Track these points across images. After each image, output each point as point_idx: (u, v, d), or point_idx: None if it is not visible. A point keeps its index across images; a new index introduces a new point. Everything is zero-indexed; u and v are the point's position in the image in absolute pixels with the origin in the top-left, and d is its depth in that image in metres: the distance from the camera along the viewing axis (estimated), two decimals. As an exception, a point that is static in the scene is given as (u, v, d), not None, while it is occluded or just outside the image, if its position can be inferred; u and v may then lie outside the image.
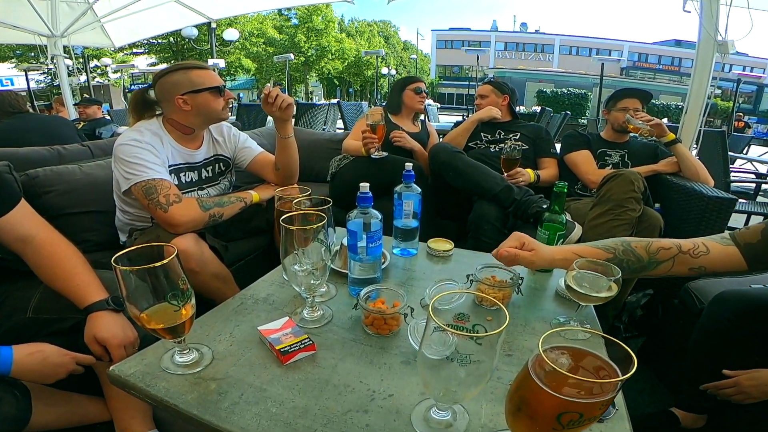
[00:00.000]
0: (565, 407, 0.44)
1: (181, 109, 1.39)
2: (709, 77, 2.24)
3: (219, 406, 0.64)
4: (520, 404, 0.49)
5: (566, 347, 0.48)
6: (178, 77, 1.39)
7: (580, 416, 0.44)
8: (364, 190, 0.90)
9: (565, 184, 1.09)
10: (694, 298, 1.52)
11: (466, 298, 1.00)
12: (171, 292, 0.65)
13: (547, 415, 0.45)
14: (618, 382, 0.43)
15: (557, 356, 0.47)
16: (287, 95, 1.51)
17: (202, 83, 1.39)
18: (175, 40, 18.15)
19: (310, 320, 0.86)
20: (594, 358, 0.48)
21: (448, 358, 0.51)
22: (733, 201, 1.75)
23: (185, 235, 1.29)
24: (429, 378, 0.55)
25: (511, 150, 1.87)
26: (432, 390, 0.57)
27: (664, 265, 0.93)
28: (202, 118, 1.45)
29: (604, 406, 0.45)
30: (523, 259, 0.91)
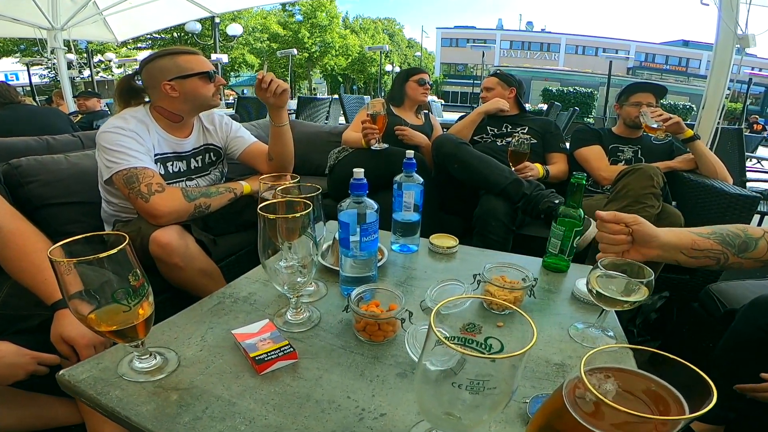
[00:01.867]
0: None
1: (168, 95, 1.32)
2: (729, 72, 2.14)
3: (177, 421, 0.54)
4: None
5: (611, 368, 0.37)
6: (165, 63, 1.32)
7: None
8: (358, 177, 0.79)
9: (584, 176, 0.98)
10: (716, 301, 1.43)
11: (472, 302, 0.89)
12: (120, 289, 0.55)
13: None
14: (686, 420, 0.32)
15: (600, 381, 0.36)
16: (282, 81, 1.42)
17: (190, 68, 1.32)
18: (178, 35, 18.09)
19: (295, 323, 0.76)
20: (647, 381, 0.36)
21: (453, 383, 0.40)
22: (757, 199, 1.65)
23: (168, 227, 1.21)
24: (427, 402, 0.44)
25: (519, 143, 1.76)
26: (430, 416, 0.46)
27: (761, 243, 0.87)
28: (190, 104, 1.37)
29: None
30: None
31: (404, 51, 37.87)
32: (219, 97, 1.43)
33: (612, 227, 0.83)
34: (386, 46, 10.15)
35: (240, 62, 22.54)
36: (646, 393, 0.36)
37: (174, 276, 1.24)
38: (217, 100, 1.42)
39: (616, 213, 0.84)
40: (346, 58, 28.13)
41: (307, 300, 0.86)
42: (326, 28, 26.00)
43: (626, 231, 0.83)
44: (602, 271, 0.71)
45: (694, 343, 1.50)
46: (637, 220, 0.83)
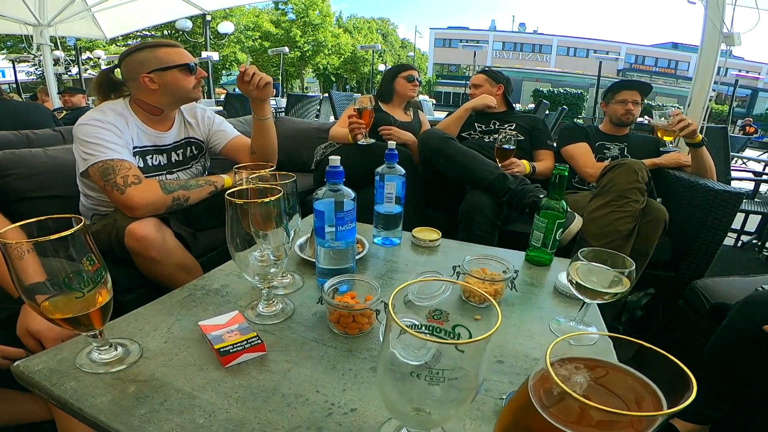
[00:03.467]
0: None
1: (147, 88, 1.30)
2: (714, 70, 2.15)
3: (133, 414, 0.51)
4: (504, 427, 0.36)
5: (582, 359, 0.35)
6: (144, 55, 1.29)
7: None
8: (334, 164, 0.77)
9: (567, 167, 0.97)
10: (701, 297, 1.43)
11: (452, 292, 0.86)
12: (72, 273, 0.51)
13: None
14: (664, 416, 0.29)
15: (570, 373, 0.33)
16: (264, 74, 1.40)
17: (170, 60, 1.30)
18: (169, 33, 17.84)
19: (266, 315, 0.73)
20: (624, 375, 0.34)
21: (413, 373, 0.38)
22: (741, 195, 1.65)
23: (145, 219, 1.18)
24: (392, 396, 0.42)
25: (506, 139, 1.75)
26: (397, 412, 0.44)
27: None
28: (171, 97, 1.35)
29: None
30: None
31: (398, 51, 37.82)
32: (200, 90, 1.40)
33: None
34: (378, 45, 10.11)
35: (231, 60, 22.31)
36: (622, 386, 0.34)
37: (151, 270, 1.21)
38: (198, 93, 1.39)
39: None
40: (339, 57, 28.03)
41: (282, 292, 0.83)
42: (319, 27, 25.86)
43: None
44: (583, 261, 0.70)
45: (680, 340, 1.49)
46: None
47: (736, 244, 3.40)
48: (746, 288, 1.38)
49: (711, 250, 1.73)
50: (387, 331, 0.39)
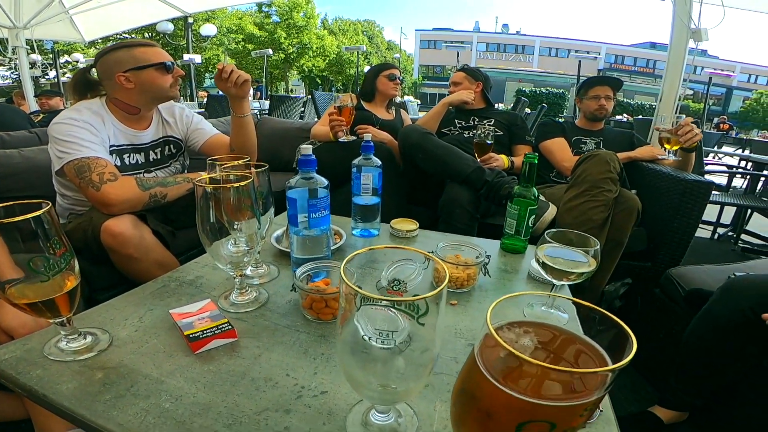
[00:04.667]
0: (529, 413, 0.30)
1: (123, 87, 1.30)
2: (683, 65, 2.21)
3: (98, 399, 0.51)
4: (465, 407, 0.36)
5: (531, 323, 0.36)
6: (120, 54, 1.29)
7: (551, 427, 0.30)
8: (305, 153, 0.77)
9: (536, 155, 0.99)
10: (676, 285, 1.46)
11: (424, 278, 0.87)
12: (37, 257, 0.51)
13: (502, 424, 0.32)
14: (609, 372, 0.30)
15: (517, 336, 0.34)
16: (243, 71, 1.40)
17: (146, 59, 1.30)
18: (150, 36, 17.58)
19: (240, 304, 0.73)
20: (571, 339, 0.35)
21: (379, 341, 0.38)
22: (711, 185, 1.70)
23: (121, 216, 1.17)
24: (352, 371, 0.42)
25: (484, 135, 1.78)
26: (360, 388, 0.44)
27: None
28: (147, 96, 1.34)
29: (587, 411, 0.31)
30: None
31: (384, 53, 37.87)
32: (178, 89, 1.39)
33: None
34: (363, 47, 10.12)
35: (214, 63, 22.09)
36: (568, 349, 0.35)
37: (129, 267, 1.20)
38: (175, 92, 1.38)
39: None
40: (324, 60, 27.96)
41: (257, 282, 0.83)
42: (303, 29, 25.76)
43: None
44: (550, 243, 0.71)
45: (658, 329, 1.52)
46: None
47: (713, 237, 3.49)
48: (719, 276, 1.42)
49: (685, 240, 1.78)
50: (346, 304, 0.40)
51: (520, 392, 0.29)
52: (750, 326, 1.04)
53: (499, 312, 0.35)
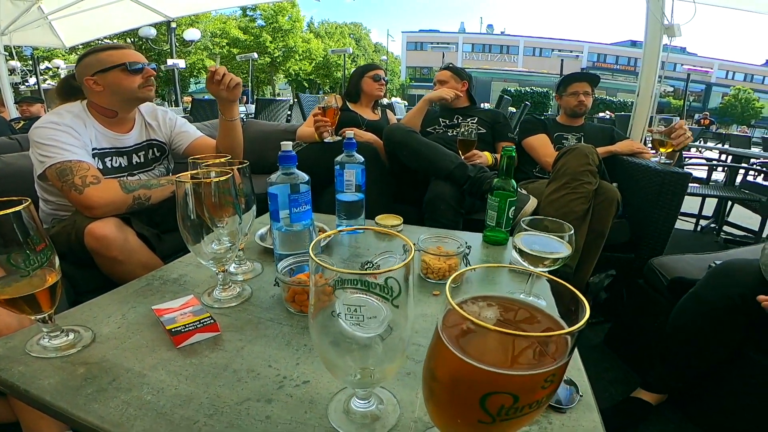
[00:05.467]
0: (491, 384, 0.30)
1: (94, 90, 1.31)
2: (658, 60, 2.28)
3: (80, 393, 0.51)
4: (432, 383, 0.36)
5: (495, 297, 0.37)
6: (89, 59, 1.31)
7: (514, 400, 0.31)
8: (285, 149, 0.78)
9: (513, 148, 1.01)
10: (658, 274, 1.49)
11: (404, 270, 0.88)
12: (15, 251, 0.51)
13: (466, 397, 0.32)
14: (562, 336, 0.30)
15: (480, 309, 0.35)
16: (234, 75, 1.41)
17: (111, 62, 1.30)
18: (132, 41, 17.39)
19: (223, 299, 0.74)
20: (533, 310, 0.36)
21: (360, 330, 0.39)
22: (688, 176, 1.75)
23: (105, 220, 1.17)
24: (338, 360, 0.44)
25: (468, 132, 1.81)
26: (337, 371, 0.45)
27: None
28: (117, 98, 1.34)
29: (549, 383, 0.31)
30: None
31: (371, 55, 37.91)
32: (152, 89, 1.38)
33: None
34: (350, 49, 10.12)
35: (199, 68, 21.89)
36: (528, 320, 0.36)
37: (114, 270, 1.19)
38: (147, 93, 1.37)
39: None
40: (311, 63, 27.90)
41: (241, 278, 0.83)
42: (289, 33, 25.70)
43: None
44: (527, 230, 0.73)
45: (644, 319, 1.54)
46: None
47: (696, 229, 3.57)
48: (700, 264, 1.46)
49: (666, 230, 1.83)
50: (321, 289, 0.41)
51: (481, 362, 0.30)
52: (736, 312, 1.05)
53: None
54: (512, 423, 0.33)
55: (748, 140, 5.91)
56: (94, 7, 5.25)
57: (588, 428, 0.50)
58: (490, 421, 0.32)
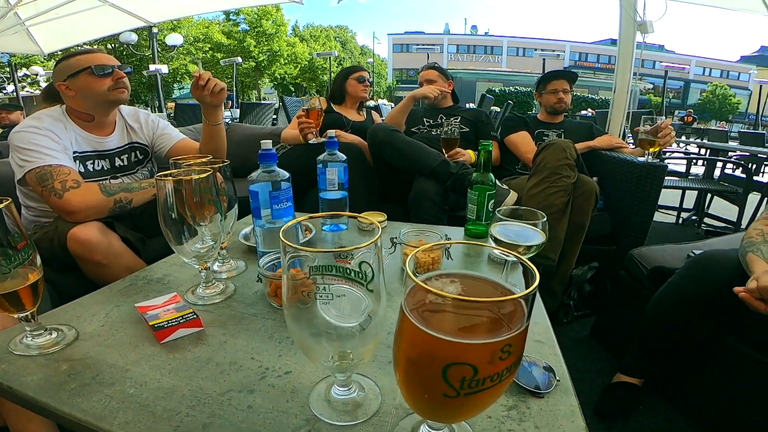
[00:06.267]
0: (451, 354, 0.32)
1: (67, 95, 1.33)
2: (632, 56, 2.34)
3: (63, 388, 0.52)
4: (400, 359, 0.37)
5: (458, 274, 0.39)
6: (61, 65, 1.33)
7: (474, 371, 0.32)
8: (265, 147, 0.79)
9: (491, 143, 1.04)
10: (639, 265, 1.51)
11: (391, 262, 0.90)
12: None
13: (429, 369, 0.33)
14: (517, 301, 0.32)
15: (443, 285, 0.37)
16: (219, 80, 1.41)
17: (79, 66, 1.31)
18: (113, 46, 17.12)
19: (206, 296, 0.74)
20: (495, 285, 0.38)
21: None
22: (664, 167, 1.80)
23: (88, 224, 1.17)
24: (316, 348, 0.45)
25: (451, 131, 1.84)
26: (315, 357, 0.46)
27: None
28: (90, 101, 1.35)
29: (506, 353, 0.32)
30: None
31: (357, 58, 37.93)
32: (124, 92, 1.37)
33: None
34: (335, 52, 10.12)
35: (183, 73, 21.66)
36: (489, 294, 0.37)
37: (98, 275, 1.18)
38: (118, 95, 1.36)
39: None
40: (296, 67, 27.81)
41: (225, 276, 0.84)
42: (273, 37, 25.59)
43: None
44: (502, 219, 0.76)
45: (627, 310, 1.56)
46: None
47: (678, 221, 3.66)
48: (679, 254, 1.49)
49: (645, 222, 1.87)
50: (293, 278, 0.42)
51: (440, 332, 0.32)
52: (714, 302, 1.07)
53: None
54: (476, 398, 0.34)
55: (725, 134, 6.08)
56: (72, 12, 5.17)
57: (566, 412, 0.52)
58: (455, 395, 0.33)
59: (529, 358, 0.62)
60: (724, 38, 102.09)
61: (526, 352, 0.62)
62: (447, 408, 0.36)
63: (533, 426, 0.49)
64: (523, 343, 0.34)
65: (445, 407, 0.36)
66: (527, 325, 0.33)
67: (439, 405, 0.36)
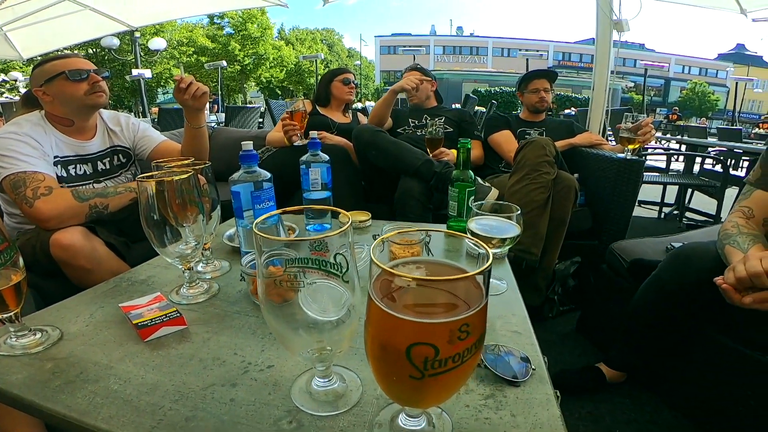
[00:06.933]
0: (413, 334, 0.33)
1: (44, 101, 1.33)
2: (610, 55, 2.40)
3: (47, 386, 0.53)
4: (368, 342, 0.39)
5: (424, 261, 0.41)
6: (37, 71, 1.33)
7: (435, 351, 0.34)
8: (246, 148, 0.80)
9: (469, 141, 1.07)
10: (619, 258, 1.55)
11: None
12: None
13: (394, 350, 0.35)
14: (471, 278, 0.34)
15: (410, 271, 0.39)
16: (201, 84, 1.41)
17: (54, 71, 1.31)
18: (95, 51, 16.87)
19: (191, 296, 0.75)
20: (459, 271, 0.40)
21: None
22: (641, 163, 1.85)
23: (71, 229, 1.15)
24: (294, 340, 0.46)
25: (435, 131, 1.87)
26: (294, 348, 0.48)
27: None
28: (67, 106, 1.34)
29: (465, 333, 0.34)
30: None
31: (344, 60, 37.93)
32: (102, 96, 1.37)
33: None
34: (321, 55, 10.11)
35: (167, 77, 21.41)
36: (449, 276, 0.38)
37: (84, 280, 1.17)
38: (96, 99, 1.36)
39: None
40: (281, 70, 27.71)
41: (209, 276, 0.85)
42: (259, 40, 25.47)
43: None
44: (479, 213, 0.78)
45: (611, 304, 1.59)
46: None
47: (660, 216, 3.74)
48: (658, 247, 1.53)
49: (625, 216, 1.92)
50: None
51: (401, 312, 0.34)
52: (695, 293, 1.09)
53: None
54: (441, 380, 0.36)
55: (704, 131, 6.25)
56: (52, 17, 5.09)
57: (541, 400, 0.53)
58: (420, 377, 0.35)
59: (506, 348, 0.64)
60: (702, 36, 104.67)
61: (504, 342, 0.64)
62: (415, 390, 0.38)
63: (509, 414, 0.50)
64: (481, 324, 0.36)
65: (413, 389, 0.38)
66: (484, 304, 0.35)
67: (406, 387, 0.38)
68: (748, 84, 24.51)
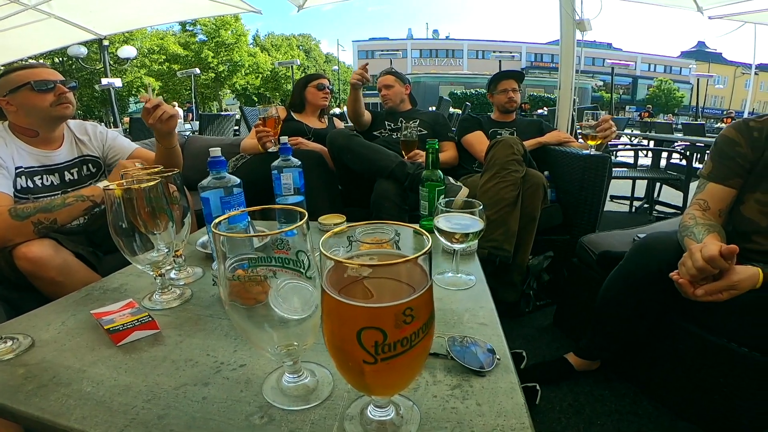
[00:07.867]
0: (362, 318, 0.36)
1: (9, 111, 1.31)
2: (573, 54, 2.50)
3: (20, 390, 0.54)
4: (325, 331, 0.41)
5: (377, 252, 0.43)
6: (2, 81, 1.30)
7: (384, 336, 0.36)
8: (214, 154, 0.82)
9: (436, 141, 1.10)
10: (588, 251, 1.60)
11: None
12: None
13: (346, 335, 0.37)
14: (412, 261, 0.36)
15: (361, 260, 0.42)
16: (169, 106, 1.37)
17: (20, 81, 1.29)
18: (61, 60, 16.38)
19: (163, 302, 0.76)
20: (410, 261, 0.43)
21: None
22: (606, 158, 1.92)
23: (37, 241, 1.13)
24: (260, 337, 0.48)
25: (409, 133, 1.91)
26: (260, 344, 0.50)
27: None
28: (32, 117, 1.32)
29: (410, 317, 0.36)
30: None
31: (322, 66, 37.82)
32: (68, 107, 1.35)
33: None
34: (297, 61, 10.07)
35: (138, 86, 20.92)
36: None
37: (53, 291, 1.15)
38: (62, 111, 1.33)
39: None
40: (257, 77, 27.46)
41: (183, 283, 0.86)
42: (233, 47, 25.20)
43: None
44: (442, 211, 0.82)
45: (583, 296, 1.63)
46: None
47: (631, 210, 3.88)
48: (625, 239, 1.58)
49: (594, 210, 1.98)
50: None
51: (348, 298, 0.36)
52: (657, 283, 1.11)
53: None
54: (394, 364, 0.38)
55: (669, 126, 6.51)
56: (15, 26, 4.94)
57: (506, 388, 0.55)
58: (373, 362, 0.37)
59: (473, 339, 0.67)
60: (666, 35, 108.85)
61: (471, 334, 0.67)
62: (370, 376, 0.40)
63: (475, 403, 0.52)
64: (426, 308, 0.39)
65: (369, 375, 0.40)
66: (428, 288, 0.38)
67: (362, 372, 0.40)
68: (710, 80, 25.57)
